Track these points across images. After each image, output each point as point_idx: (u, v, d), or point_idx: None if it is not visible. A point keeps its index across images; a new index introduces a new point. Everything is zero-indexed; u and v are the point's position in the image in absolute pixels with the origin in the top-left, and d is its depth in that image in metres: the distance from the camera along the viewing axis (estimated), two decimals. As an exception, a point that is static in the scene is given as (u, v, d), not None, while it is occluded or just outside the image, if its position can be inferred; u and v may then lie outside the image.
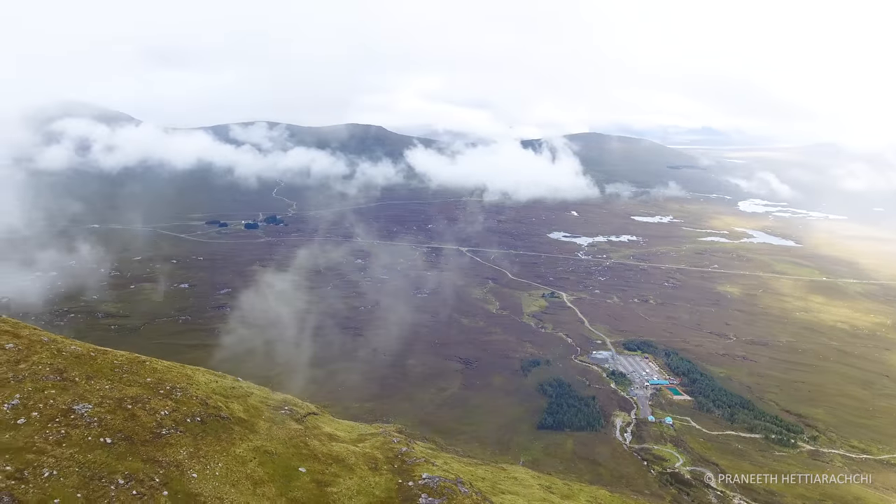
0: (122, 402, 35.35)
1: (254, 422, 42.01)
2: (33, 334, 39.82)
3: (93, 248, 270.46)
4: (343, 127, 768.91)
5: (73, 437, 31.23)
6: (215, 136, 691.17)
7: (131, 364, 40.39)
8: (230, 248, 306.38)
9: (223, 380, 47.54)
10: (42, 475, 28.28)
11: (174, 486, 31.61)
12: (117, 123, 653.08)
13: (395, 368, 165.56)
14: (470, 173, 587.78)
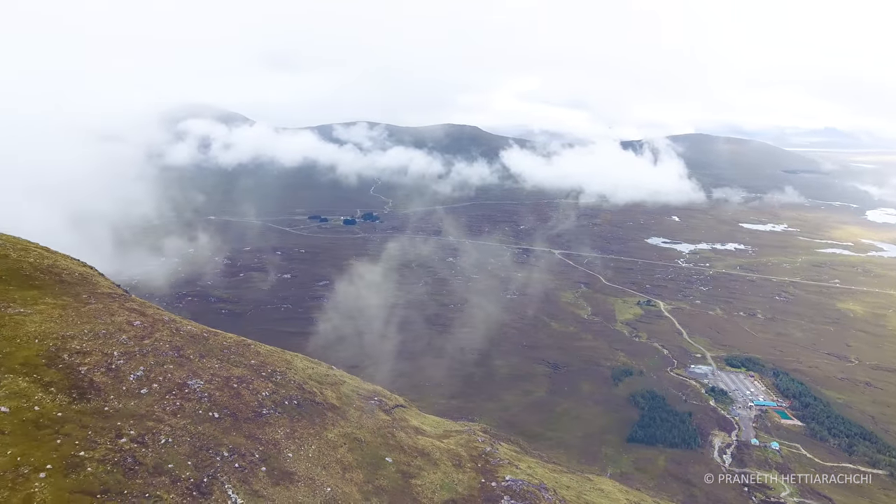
0: (229, 381, 38.09)
1: (345, 409, 43.71)
2: (157, 314, 43.96)
3: (210, 238, 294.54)
4: (439, 127, 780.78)
5: (187, 410, 34.10)
6: (320, 135, 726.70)
7: (238, 346, 43.44)
8: (329, 242, 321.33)
9: (319, 367, 49.88)
10: (159, 441, 31.13)
11: (272, 462, 33.61)
12: (234, 123, 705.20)
13: (481, 367, 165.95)
14: (566, 174, 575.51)
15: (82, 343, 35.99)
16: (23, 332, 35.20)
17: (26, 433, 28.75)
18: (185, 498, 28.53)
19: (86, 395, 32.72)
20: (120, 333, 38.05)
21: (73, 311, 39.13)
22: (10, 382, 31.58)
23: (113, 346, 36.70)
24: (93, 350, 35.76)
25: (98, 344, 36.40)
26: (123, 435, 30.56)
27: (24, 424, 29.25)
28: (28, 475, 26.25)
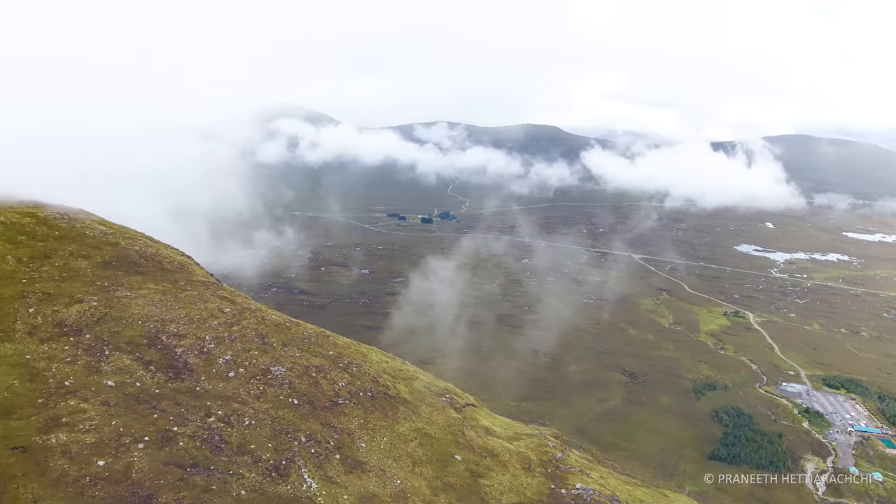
0: (309, 370, 39.73)
1: (417, 404, 44.37)
2: (245, 302, 46.60)
3: (295, 233, 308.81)
4: (519, 127, 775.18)
5: (269, 395, 35.91)
6: (401, 135, 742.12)
7: (318, 337, 45.20)
8: (406, 240, 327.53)
9: (393, 361, 50.95)
10: (243, 422, 32.99)
11: (345, 451, 34.72)
12: (321, 123, 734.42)
13: (554, 371, 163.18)
14: (650, 177, 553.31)
15: (179, 326, 38.77)
16: (128, 313, 38.42)
17: (128, 406, 31.35)
18: (265, 478, 30.07)
19: (180, 374, 35.23)
20: (212, 319, 40.64)
21: (171, 296, 42.25)
22: (117, 359, 34.55)
23: (205, 330, 39.27)
24: (188, 333, 38.44)
25: (192, 328, 39.08)
26: (212, 414, 32.64)
27: (126, 398, 31.93)
28: (129, 445, 28.61)
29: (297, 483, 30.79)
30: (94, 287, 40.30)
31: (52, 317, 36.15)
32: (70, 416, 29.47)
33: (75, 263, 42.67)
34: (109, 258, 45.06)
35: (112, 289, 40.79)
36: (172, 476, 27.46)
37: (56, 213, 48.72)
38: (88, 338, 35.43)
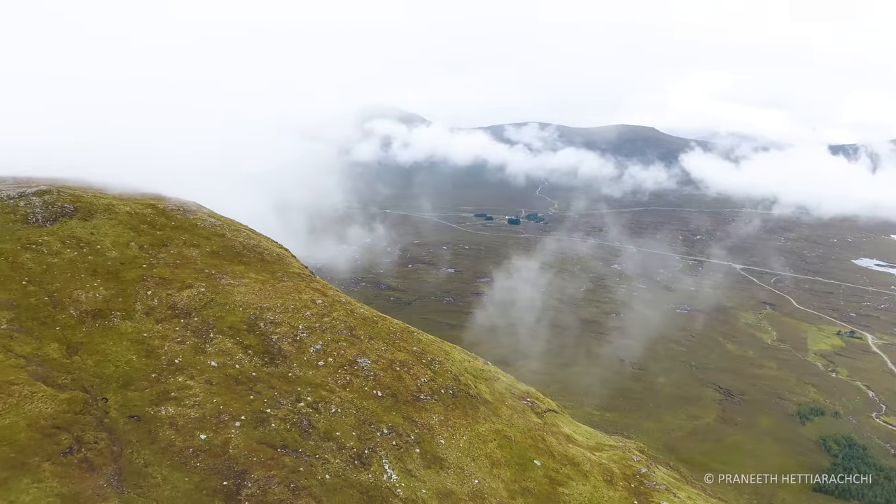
0: (393, 364, 40.75)
1: (497, 406, 44.22)
2: (336, 295, 48.59)
3: (386, 230, 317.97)
4: (612, 128, 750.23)
5: (355, 385, 37.22)
6: (492, 135, 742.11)
7: (403, 332, 46.24)
8: (492, 240, 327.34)
9: (475, 361, 51.09)
10: (330, 410, 34.40)
11: (425, 446, 35.28)
12: (413, 124, 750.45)
13: (641, 383, 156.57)
14: (757, 182, 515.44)
15: (275, 315, 41.12)
16: (231, 300, 41.26)
17: (228, 387, 33.66)
18: (348, 465, 31.20)
19: (275, 360, 37.35)
20: (305, 309, 42.74)
21: (269, 286, 44.89)
22: (220, 342, 37.19)
23: (299, 320, 41.37)
24: (283, 322, 40.68)
25: (287, 317, 41.31)
26: (302, 399, 34.33)
27: (226, 379, 34.30)
28: (227, 422, 30.72)
29: (377, 472, 31.69)
30: (202, 274, 43.67)
31: (167, 300, 39.56)
32: (178, 392, 32.12)
33: (187, 252, 46.44)
34: (216, 248, 48.63)
35: (218, 276, 43.99)
36: (264, 455, 29.18)
37: (173, 206, 53.24)
38: (196, 321, 38.44)
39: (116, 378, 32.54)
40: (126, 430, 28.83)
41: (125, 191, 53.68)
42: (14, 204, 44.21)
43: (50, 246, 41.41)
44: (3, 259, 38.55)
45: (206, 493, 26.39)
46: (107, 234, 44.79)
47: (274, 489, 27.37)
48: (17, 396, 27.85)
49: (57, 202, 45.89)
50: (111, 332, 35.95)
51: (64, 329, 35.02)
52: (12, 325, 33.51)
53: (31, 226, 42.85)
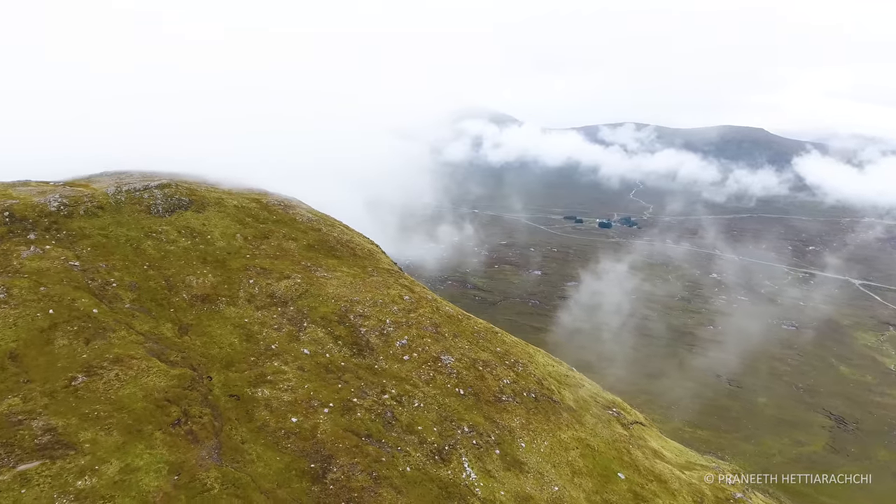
0: (476, 363, 40.85)
1: (581, 414, 43.10)
2: (422, 292, 49.45)
3: (474, 230, 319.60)
4: (716, 128, 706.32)
5: (438, 381, 37.69)
6: (585, 136, 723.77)
7: (487, 332, 46.24)
8: (582, 244, 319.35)
9: (559, 366, 50.11)
10: (413, 404, 35.06)
11: (505, 448, 35.06)
12: (504, 124, 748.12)
13: (738, 401, 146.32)
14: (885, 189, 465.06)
15: (364, 308, 42.52)
16: (324, 292, 43.15)
17: (318, 374, 35.23)
18: (428, 459, 31.66)
19: (363, 351, 38.63)
20: (392, 305, 43.86)
21: (360, 280, 46.49)
22: (312, 331, 39.01)
23: (386, 314, 42.52)
24: (371, 315, 41.99)
25: (376, 311, 42.59)
26: (386, 392, 35.26)
27: (317, 367, 35.92)
28: (317, 408, 32.16)
29: (457, 470, 31.90)
30: (299, 266, 46.04)
31: (266, 289, 42.09)
32: (273, 376, 34.07)
33: (286, 244, 49.14)
34: (312, 242, 51.06)
35: (313, 269, 46.18)
36: (349, 442, 30.27)
37: (275, 201, 56.52)
38: (292, 310, 40.58)
39: (220, 359, 35.08)
40: (226, 408, 31.01)
41: (234, 186, 57.73)
42: (139, 196, 48.89)
43: (168, 234, 45.40)
44: (130, 246, 42.75)
45: (295, 473, 27.80)
46: (216, 226, 48.40)
47: (357, 476, 28.33)
48: (136, 370, 30.78)
49: (175, 195, 50.20)
50: (217, 317, 38.80)
51: (177, 311, 38.25)
52: (134, 304, 37.08)
53: (153, 216, 47.19)
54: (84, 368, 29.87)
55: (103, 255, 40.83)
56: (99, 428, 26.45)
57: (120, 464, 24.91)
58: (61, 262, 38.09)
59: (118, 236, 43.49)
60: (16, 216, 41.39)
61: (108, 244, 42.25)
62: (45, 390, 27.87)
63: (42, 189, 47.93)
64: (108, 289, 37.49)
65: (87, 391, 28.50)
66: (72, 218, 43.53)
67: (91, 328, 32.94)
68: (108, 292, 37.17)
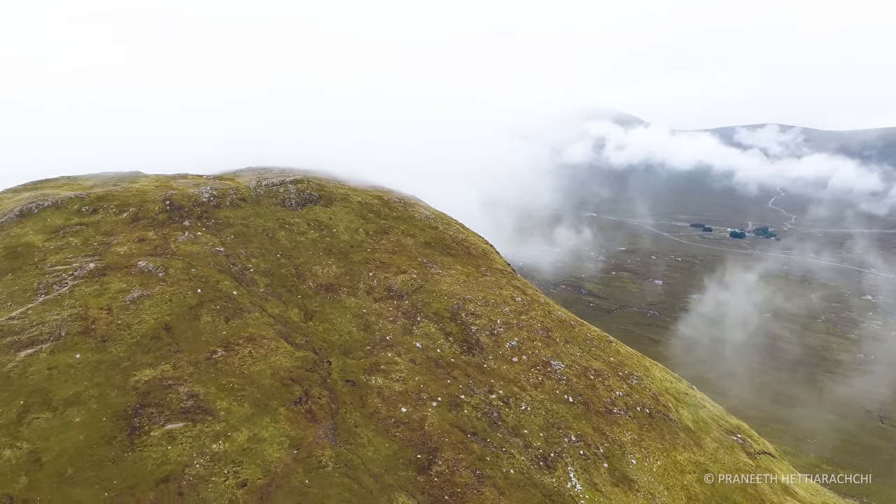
0: (587, 371, 39.59)
1: (700, 436, 40.20)
2: (534, 294, 48.86)
3: (592, 234, 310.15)
4: (877, 131, 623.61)
5: (546, 386, 37.04)
6: (720, 138, 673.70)
7: (600, 341, 44.63)
8: (710, 254, 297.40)
9: (678, 383, 47.13)
10: (520, 407, 34.76)
11: (614, 462, 33.63)
12: (629, 125, 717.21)
13: (892, 442, 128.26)
14: None
15: (476, 307, 42.89)
16: (438, 289, 44.12)
17: (429, 368, 36.10)
18: (532, 464, 31.23)
19: (472, 350, 38.99)
20: (504, 305, 43.80)
21: (473, 279, 46.95)
22: (425, 326, 40.05)
23: (497, 314, 42.55)
24: (483, 314, 42.24)
25: (487, 310, 42.78)
26: (494, 392, 35.30)
27: (428, 361, 36.81)
28: (425, 401, 32.98)
29: (562, 479, 31.15)
30: (415, 262, 47.50)
31: (384, 282, 43.91)
32: (386, 366, 35.45)
33: (404, 241, 50.91)
34: (429, 239, 52.42)
35: (428, 265, 47.42)
36: (455, 437, 30.70)
37: (396, 198, 58.78)
38: (407, 304, 41.98)
39: (339, 345, 37.19)
40: (342, 392, 32.81)
41: (359, 183, 60.92)
42: (276, 190, 53.22)
43: (298, 226, 48.97)
44: (266, 235, 46.70)
45: (402, 461, 28.74)
46: (341, 220, 51.37)
47: (461, 472, 28.66)
48: (266, 349, 33.55)
49: (307, 190, 54.03)
50: (338, 305, 41.18)
51: (303, 297, 41.13)
52: (267, 289, 40.44)
53: (287, 209, 51.15)
54: (223, 344, 33.12)
55: (243, 242, 44.99)
56: (233, 398, 29.19)
57: (249, 433, 27.29)
58: (209, 248, 42.52)
59: (256, 226, 47.71)
60: (175, 205, 46.91)
61: (248, 233, 46.48)
62: (190, 360, 31.28)
63: (196, 182, 53.86)
64: (246, 273, 41.22)
65: (224, 364, 31.56)
66: (219, 208, 48.47)
67: (230, 308, 36.43)
68: (246, 277, 40.88)
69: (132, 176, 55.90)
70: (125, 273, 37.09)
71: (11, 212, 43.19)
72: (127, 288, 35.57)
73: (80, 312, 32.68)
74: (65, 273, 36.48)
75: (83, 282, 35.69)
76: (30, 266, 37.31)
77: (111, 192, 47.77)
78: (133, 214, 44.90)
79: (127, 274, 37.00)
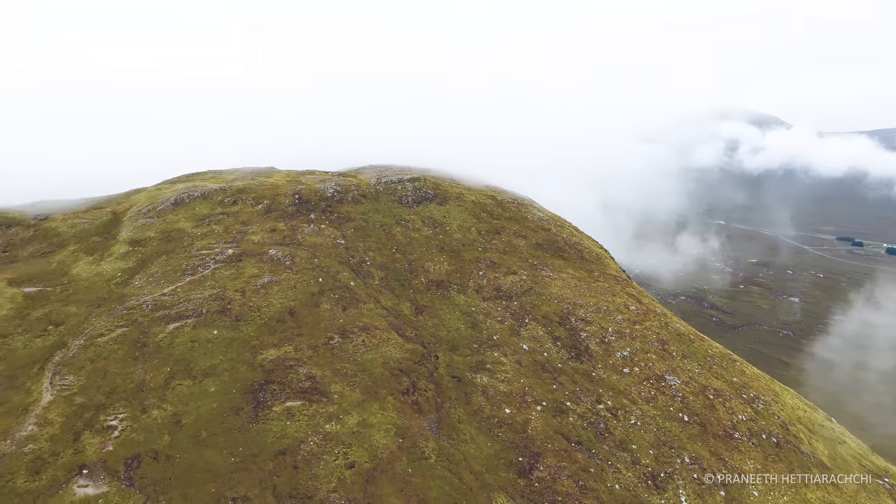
0: (706, 390, 36.89)
1: (838, 475, 35.86)
2: (651, 304, 46.37)
3: (720, 243, 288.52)
4: None
5: (659, 402, 35.03)
6: (879, 141, 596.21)
7: (722, 359, 41.37)
8: (859, 271, 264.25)
9: (813, 412, 42.45)
10: (629, 420, 33.19)
11: (732, 492, 31.06)
12: (767, 126, 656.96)
13: None
14: None
15: (587, 313, 41.58)
16: (548, 292, 43.36)
17: (535, 371, 35.60)
18: (640, 482, 29.69)
19: (581, 356, 37.87)
20: (617, 313, 42.04)
21: (585, 284, 45.57)
22: (533, 328, 39.55)
23: (609, 322, 40.95)
24: (593, 321, 40.87)
25: (598, 317, 41.32)
26: (602, 402, 34.02)
27: (534, 363, 36.31)
28: (530, 404, 32.57)
29: (672, 502, 29.31)
30: (525, 264, 47.05)
31: (493, 282, 43.98)
32: (492, 365, 35.49)
33: (516, 241, 50.62)
34: (541, 241, 51.67)
35: (539, 268, 46.76)
36: (558, 444, 30.01)
37: (509, 198, 58.60)
38: (515, 305, 41.71)
39: (447, 341, 37.84)
40: (448, 387, 33.34)
41: (474, 183, 61.53)
42: (394, 187, 55.29)
43: (413, 223, 50.49)
44: (383, 230, 48.71)
45: (503, 462, 28.63)
46: (455, 218, 52.20)
47: (563, 480, 27.96)
48: (378, 339, 34.98)
49: (423, 188, 55.55)
50: (448, 302, 41.90)
51: (415, 292, 42.35)
52: (382, 282, 42.15)
53: (403, 206, 52.95)
54: (339, 331, 35.02)
55: (362, 236, 47.27)
56: (346, 383, 30.78)
57: (359, 417, 28.63)
58: (331, 240, 45.19)
59: (374, 221, 49.91)
60: (303, 198, 50.40)
61: (367, 227, 48.76)
62: (310, 344, 33.44)
63: (322, 178, 57.44)
64: (364, 266, 43.27)
65: (340, 350, 33.37)
66: (342, 203, 51.34)
67: (348, 298, 38.43)
68: (363, 269, 42.91)
69: (267, 171, 60.94)
70: (258, 260, 40.51)
71: (168, 200, 48.92)
72: (258, 273, 38.81)
73: (219, 293, 36.21)
74: (208, 257, 40.62)
75: (222, 266, 39.51)
76: (180, 249, 42.00)
77: (249, 186, 52.42)
78: (267, 206, 48.93)
79: (259, 261, 40.39)
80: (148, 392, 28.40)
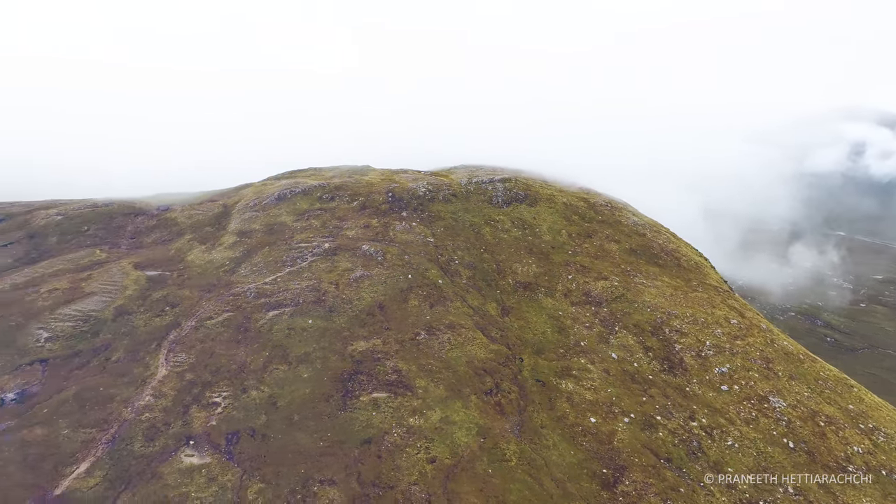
0: (816, 416, 33.81)
1: (975, 523, 31.54)
2: (755, 318, 43.14)
3: (839, 256, 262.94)
4: None
5: (761, 424, 32.54)
6: None
7: (836, 383, 37.73)
8: None
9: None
10: (725, 441, 31.12)
11: (842, 529, 28.26)
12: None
13: None
14: None
15: (682, 324, 39.44)
16: (640, 299, 41.58)
17: (623, 381, 34.30)
18: None
19: (674, 369, 36.00)
20: (716, 326, 39.52)
21: (681, 293, 43.23)
22: (623, 337, 38.11)
23: (707, 335, 38.58)
24: (689, 333, 38.68)
25: (695, 329, 39.06)
26: (696, 419, 32.15)
27: (623, 373, 34.99)
28: (616, 415, 31.44)
29: (770, 533, 27.15)
30: (617, 269, 45.41)
31: (583, 286, 42.84)
32: (578, 371, 34.60)
33: (608, 246, 48.98)
34: (635, 246, 49.63)
35: (632, 274, 44.95)
36: (646, 460, 28.72)
37: (602, 201, 56.81)
38: (605, 311, 40.38)
39: (532, 344, 37.36)
40: (532, 391, 32.91)
41: (566, 185, 60.24)
42: (485, 187, 55.37)
43: (503, 224, 50.29)
44: (472, 230, 48.94)
45: (586, 472, 27.83)
46: (545, 220, 51.40)
47: (649, 497, 26.72)
48: (464, 337, 35.20)
49: (513, 189, 55.19)
50: (534, 305, 41.35)
51: (502, 293, 42.18)
52: (469, 281, 42.36)
53: (493, 206, 52.89)
54: (426, 327, 35.62)
55: (451, 235, 47.76)
56: (430, 379, 31.26)
57: (441, 413, 28.98)
58: (421, 238, 46.07)
59: (464, 221, 50.26)
60: (396, 196, 51.77)
61: (456, 226, 49.20)
62: (397, 338, 34.29)
63: (415, 177, 58.67)
64: (451, 265, 43.71)
65: (426, 346, 33.94)
66: (433, 202, 52.17)
67: (435, 295, 39.00)
68: (451, 268, 43.35)
69: (363, 169, 63.22)
70: (351, 254, 42.14)
71: (272, 195, 52.11)
72: (352, 267, 40.36)
73: (315, 284, 38.05)
74: (306, 250, 42.82)
75: (319, 258, 41.48)
76: (281, 242, 44.60)
77: (346, 183, 54.63)
78: (361, 203, 50.77)
79: (353, 255, 42.00)
80: (248, 374, 30.42)
